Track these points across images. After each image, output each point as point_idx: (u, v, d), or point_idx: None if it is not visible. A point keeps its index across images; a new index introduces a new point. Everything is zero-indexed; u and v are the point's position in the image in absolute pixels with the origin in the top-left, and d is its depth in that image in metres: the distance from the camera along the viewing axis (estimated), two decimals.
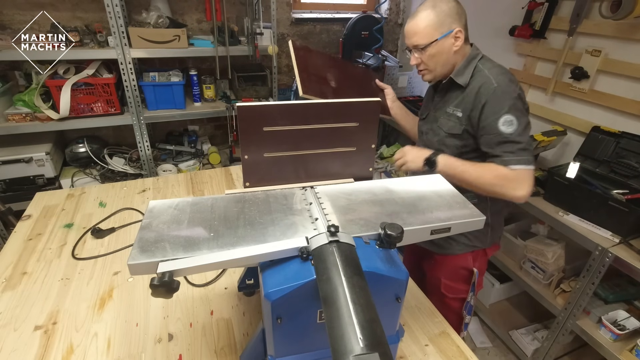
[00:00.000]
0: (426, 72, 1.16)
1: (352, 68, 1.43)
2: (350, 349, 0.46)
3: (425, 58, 1.11)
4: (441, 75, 1.16)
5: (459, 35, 1.08)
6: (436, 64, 1.12)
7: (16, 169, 2.04)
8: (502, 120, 1.00)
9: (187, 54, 2.22)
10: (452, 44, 1.09)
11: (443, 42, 1.08)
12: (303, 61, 1.20)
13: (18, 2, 2.08)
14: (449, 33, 1.07)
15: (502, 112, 1.00)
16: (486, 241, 1.26)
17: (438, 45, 1.08)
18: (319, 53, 1.30)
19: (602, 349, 1.50)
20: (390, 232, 0.65)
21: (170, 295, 0.60)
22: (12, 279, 1.02)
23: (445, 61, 1.11)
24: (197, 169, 2.50)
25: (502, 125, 1.00)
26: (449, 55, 1.11)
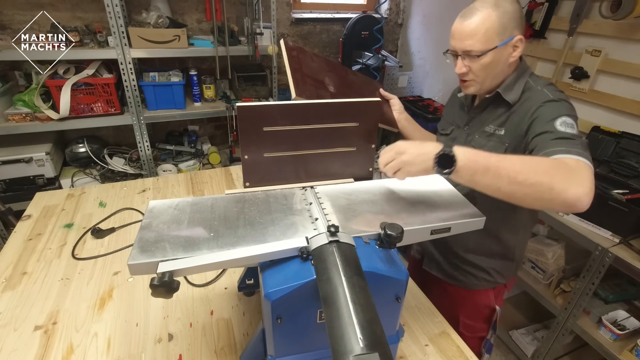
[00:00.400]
0: (472, 83, 0.97)
1: (353, 75, 1.31)
2: (350, 349, 0.46)
3: (477, 67, 0.92)
4: (488, 88, 0.98)
5: (519, 44, 0.91)
6: (487, 76, 0.94)
7: (16, 169, 2.04)
8: (560, 121, 0.82)
9: (187, 54, 2.22)
10: (510, 54, 0.92)
11: (502, 50, 0.90)
12: (296, 61, 1.12)
13: (18, 2, 2.08)
14: (509, 40, 0.89)
15: (560, 115, 0.83)
16: (509, 276, 1.15)
17: (495, 54, 0.90)
18: (315, 55, 1.20)
19: (602, 349, 1.50)
20: (390, 232, 0.65)
21: (170, 295, 0.60)
22: (12, 279, 1.02)
23: (498, 73, 0.94)
24: (197, 169, 2.50)
25: (561, 126, 0.82)
26: (504, 67, 0.94)
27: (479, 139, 1.00)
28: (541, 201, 0.71)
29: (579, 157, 0.74)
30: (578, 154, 0.75)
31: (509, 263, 1.11)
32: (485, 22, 0.88)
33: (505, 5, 0.88)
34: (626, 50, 1.58)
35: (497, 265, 1.10)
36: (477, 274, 1.12)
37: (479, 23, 0.88)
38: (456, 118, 1.11)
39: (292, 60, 1.09)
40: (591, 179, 0.71)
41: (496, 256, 1.09)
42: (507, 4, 0.89)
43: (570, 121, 0.82)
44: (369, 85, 1.32)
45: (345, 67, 1.26)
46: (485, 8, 0.88)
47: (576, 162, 0.74)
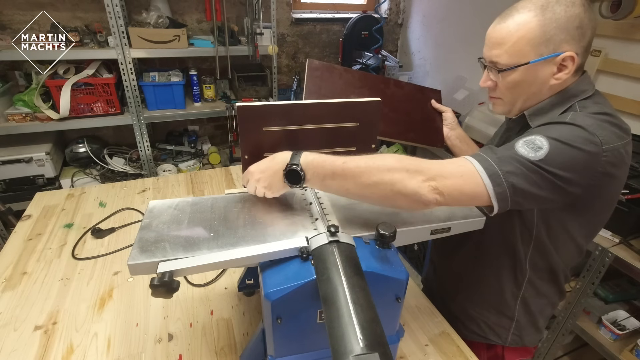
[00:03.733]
0: (499, 102, 0.80)
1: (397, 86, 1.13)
2: (350, 349, 0.46)
3: (503, 84, 0.75)
4: (520, 111, 0.80)
5: (568, 63, 0.69)
6: (517, 97, 0.76)
7: (16, 169, 2.04)
8: (526, 141, 0.65)
9: (187, 54, 2.22)
10: (552, 74, 0.71)
11: (537, 68, 0.70)
12: (317, 82, 1.04)
13: (18, 2, 2.08)
14: (551, 57, 0.68)
15: (539, 133, 0.66)
16: (506, 338, 0.94)
17: (527, 72, 0.71)
18: (347, 71, 1.09)
19: (602, 349, 1.50)
20: (382, 231, 0.65)
21: (170, 295, 0.61)
22: (12, 279, 1.02)
23: (532, 95, 0.75)
24: (197, 169, 2.50)
25: (522, 143, 0.65)
26: (541, 88, 0.73)
27: None
28: (388, 200, 0.66)
29: (470, 158, 0.66)
30: (477, 157, 0.66)
31: (506, 321, 0.93)
32: (520, 28, 0.69)
33: (557, 9, 0.66)
34: (626, 50, 1.59)
35: (489, 319, 0.94)
36: (466, 322, 0.97)
37: (512, 29, 0.69)
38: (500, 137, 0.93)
39: (312, 82, 1.05)
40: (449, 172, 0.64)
41: (489, 307, 0.94)
42: (560, 8, 0.66)
43: (541, 142, 0.64)
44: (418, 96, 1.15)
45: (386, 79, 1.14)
46: (526, 10, 0.69)
47: (453, 161, 0.67)
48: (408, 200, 0.64)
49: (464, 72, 2.59)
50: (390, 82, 1.13)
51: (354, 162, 0.66)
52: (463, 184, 0.64)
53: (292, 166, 0.68)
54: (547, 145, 0.63)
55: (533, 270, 0.87)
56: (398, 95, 1.12)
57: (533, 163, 0.63)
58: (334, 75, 1.08)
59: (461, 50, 2.58)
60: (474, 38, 2.42)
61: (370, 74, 1.08)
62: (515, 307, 0.91)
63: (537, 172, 0.63)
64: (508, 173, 0.63)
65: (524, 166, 0.63)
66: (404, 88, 1.14)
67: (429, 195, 0.63)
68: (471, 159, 0.66)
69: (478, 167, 0.64)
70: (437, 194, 0.63)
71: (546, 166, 0.63)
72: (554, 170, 0.63)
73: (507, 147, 0.67)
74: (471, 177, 0.64)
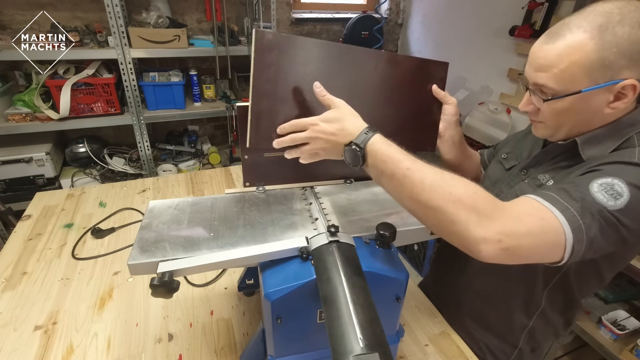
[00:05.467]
0: (543, 127, 0.71)
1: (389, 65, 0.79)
2: (350, 349, 0.46)
3: (548, 111, 0.66)
4: (566, 136, 0.70)
5: (628, 91, 0.59)
6: (563, 124, 0.67)
7: (16, 169, 2.04)
8: (603, 183, 0.57)
9: (187, 54, 2.22)
10: (608, 102, 0.61)
11: (590, 97, 0.61)
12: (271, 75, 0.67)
13: (18, 2, 2.08)
14: (609, 85, 0.59)
15: (616, 176, 0.57)
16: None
17: (579, 100, 0.62)
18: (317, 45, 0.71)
19: (602, 349, 1.50)
20: (382, 231, 0.65)
21: (170, 295, 0.61)
22: (12, 279, 1.02)
23: (582, 123, 0.66)
24: (197, 169, 2.50)
25: (598, 189, 0.56)
26: (593, 117, 0.65)
27: (525, 186, 0.77)
28: (442, 232, 0.57)
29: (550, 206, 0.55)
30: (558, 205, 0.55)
31: (508, 347, 0.88)
32: (573, 52, 0.59)
33: (619, 31, 0.56)
34: None
35: (492, 342, 0.91)
36: (465, 338, 0.92)
37: (563, 52, 0.59)
38: (525, 152, 0.84)
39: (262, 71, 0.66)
40: (528, 229, 0.53)
41: (492, 331, 0.90)
42: (624, 30, 0.56)
43: (621, 188, 0.55)
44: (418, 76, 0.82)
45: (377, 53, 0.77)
46: (581, 30, 0.58)
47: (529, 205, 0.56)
48: (463, 246, 0.55)
49: (464, 72, 2.59)
50: (382, 57, 0.77)
51: (419, 173, 0.56)
52: (543, 243, 0.54)
53: (354, 147, 0.61)
54: (628, 193, 0.55)
55: (548, 302, 0.81)
56: (392, 77, 0.79)
57: (611, 213, 0.55)
58: (299, 54, 0.69)
59: (461, 50, 2.58)
60: (474, 38, 2.42)
61: (354, 47, 0.72)
62: (521, 336, 0.87)
63: (613, 225, 0.55)
64: (589, 226, 0.54)
65: (603, 217, 0.55)
66: (400, 65, 0.80)
67: (492, 254, 0.52)
68: (551, 207, 0.55)
69: (562, 220, 0.54)
70: (506, 254, 0.53)
71: (623, 217, 0.55)
72: (629, 222, 0.55)
73: (579, 189, 0.57)
74: (555, 234, 0.54)
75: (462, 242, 0.55)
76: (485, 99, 2.37)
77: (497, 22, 2.15)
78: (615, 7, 0.58)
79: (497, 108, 2.25)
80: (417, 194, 0.56)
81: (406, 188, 0.57)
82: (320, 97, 0.67)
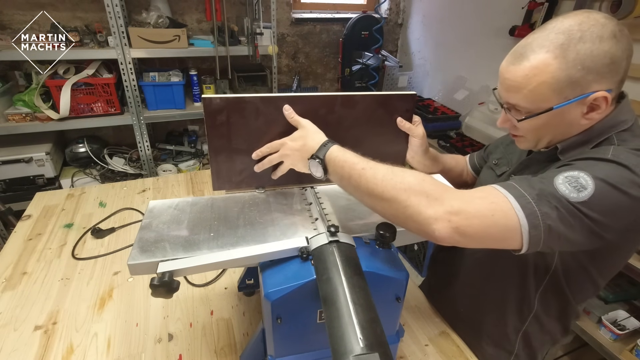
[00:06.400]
0: (523, 140, 0.73)
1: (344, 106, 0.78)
2: (351, 349, 0.46)
3: (525, 127, 0.68)
4: (548, 144, 0.72)
5: (600, 102, 0.61)
6: (542, 137, 0.69)
7: (16, 169, 2.04)
8: (567, 176, 0.58)
9: (187, 54, 2.22)
10: (582, 114, 0.63)
11: (564, 110, 0.62)
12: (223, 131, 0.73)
13: (18, 2, 2.08)
14: (580, 98, 0.60)
15: (582, 170, 0.58)
16: None
17: (552, 116, 0.63)
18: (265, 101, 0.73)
19: (602, 349, 1.50)
20: (382, 231, 0.65)
21: (170, 295, 0.61)
22: (12, 279, 1.02)
23: (560, 134, 0.68)
24: (197, 169, 2.50)
25: (563, 179, 0.57)
26: (570, 128, 0.66)
27: None
28: (399, 221, 0.61)
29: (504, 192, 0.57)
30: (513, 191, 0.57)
31: (504, 354, 0.88)
32: (538, 73, 0.60)
33: (581, 48, 0.57)
34: None
35: (488, 351, 0.90)
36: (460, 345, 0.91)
37: (528, 73, 0.61)
38: (515, 158, 0.85)
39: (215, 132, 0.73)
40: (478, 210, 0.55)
41: (488, 338, 0.89)
42: (585, 46, 0.57)
43: (586, 181, 0.56)
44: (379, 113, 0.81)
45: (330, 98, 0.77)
46: (544, 50, 0.59)
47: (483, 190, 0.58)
48: (419, 229, 0.58)
49: (464, 72, 2.59)
50: (336, 100, 0.77)
51: (372, 170, 0.62)
52: (492, 224, 0.55)
53: (316, 159, 0.68)
54: (592, 186, 0.55)
55: (541, 306, 0.81)
56: (351, 117, 0.79)
57: (574, 205, 0.55)
58: (247, 114, 0.73)
59: (461, 50, 2.58)
60: (474, 38, 2.42)
61: (303, 95, 0.74)
62: (516, 341, 0.86)
63: (576, 216, 0.55)
64: (546, 214, 0.55)
65: (563, 207, 0.55)
66: (359, 104, 0.78)
67: (444, 233, 0.55)
68: (505, 192, 0.57)
69: (515, 205, 0.55)
70: (456, 233, 0.55)
71: (587, 210, 0.55)
72: (595, 215, 0.55)
73: (543, 181, 0.59)
74: (504, 217, 0.55)
75: (416, 225, 0.57)
76: (485, 99, 2.37)
77: (497, 22, 2.15)
78: (575, 24, 0.59)
79: (497, 108, 2.25)
80: (372, 189, 0.61)
81: (362, 186, 0.62)
82: (289, 118, 0.73)
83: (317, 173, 0.69)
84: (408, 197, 0.57)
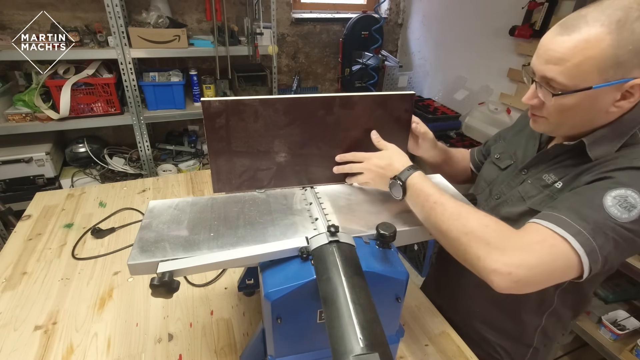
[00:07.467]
0: (543, 122, 0.69)
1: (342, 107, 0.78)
2: (350, 349, 0.46)
3: (553, 107, 0.64)
4: (565, 134, 0.71)
5: (635, 91, 0.59)
6: (565, 122, 0.66)
7: (16, 169, 2.04)
8: (616, 195, 0.56)
9: (187, 54, 2.22)
10: (614, 101, 0.60)
11: (599, 94, 0.59)
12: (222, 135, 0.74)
13: (18, 2, 2.08)
14: (619, 83, 0.58)
15: (629, 186, 0.56)
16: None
17: (587, 97, 0.60)
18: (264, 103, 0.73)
19: (602, 349, 1.50)
20: (382, 231, 0.65)
21: (170, 295, 0.60)
22: (12, 279, 1.02)
23: (585, 122, 0.66)
24: (197, 169, 2.50)
25: (612, 201, 0.56)
26: (597, 116, 0.64)
27: (529, 187, 0.75)
28: (460, 259, 0.62)
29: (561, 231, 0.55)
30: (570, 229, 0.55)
31: (523, 348, 0.90)
32: (588, 46, 0.56)
33: (637, 27, 0.54)
34: None
35: (507, 345, 0.92)
36: (482, 344, 0.93)
37: (578, 45, 0.57)
38: (519, 152, 0.84)
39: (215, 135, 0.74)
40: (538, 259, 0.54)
41: (507, 334, 0.91)
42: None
43: (635, 200, 0.55)
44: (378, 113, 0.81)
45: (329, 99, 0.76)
46: (599, 24, 0.55)
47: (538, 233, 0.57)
48: (476, 273, 0.59)
49: (464, 72, 2.59)
50: (335, 101, 0.76)
51: (442, 207, 0.64)
52: (554, 269, 0.55)
53: (398, 181, 0.71)
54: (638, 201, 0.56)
55: (560, 301, 0.81)
56: (350, 118, 0.79)
57: (625, 228, 0.55)
58: (247, 116, 0.73)
59: (461, 50, 2.58)
60: (474, 38, 2.42)
61: (302, 97, 0.73)
62: (535, 336, 0.88)
63: (628, 238, 0.56)
64: (603, 247, 0.55)
65: (617, 233, 0.55)
66: (356, 106, 0.78)
67: (503, 285, 0.55)
68: (562, 232, 0.55)
69: (575, 244, 0.54)
70: (516, 285, 0.54)
71: (636, 227, 0.55)
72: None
73: (592, 206, 0.57)
74: (565, 258, 0.55)
75: (476, 271, 0.60)
76: (485, 99, 2.37)
77: (497, 22, 2.15)
78: (635, 2, 0.55)
79: (497, 108, 2.25)
80: (439, 225, 0.64)
81: (432, 219, 0.66)
82: (376, 142, 0.80)
83: (397, 194, 0.73)
84: (469, 242, 0.59)
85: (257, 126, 0.75)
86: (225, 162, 0.77)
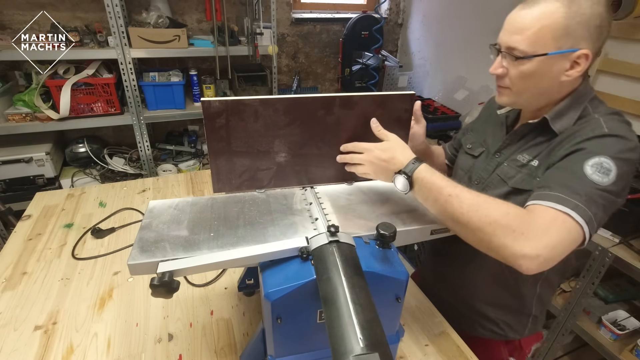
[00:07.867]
0: (506, 92, 0.77)
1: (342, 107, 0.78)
2: (350, 349, 0.46)
3: (515, 73, 0.73)
4: (524, 106, 0.82)
5: (582, 61, 0.68)
6: (526, 90, 0.75)
7: (16, 169, 2.04)
8: (594, 163, 0.64)
9: (187, 54, 2.22)
10: (564, 70, 0.70)
11: (552, 61, 0.69)
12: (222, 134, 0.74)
13: (18, 2, 2.08)
14: (569, 52, 0.68)
15: (601, 154, 0.65)
16: (523, 332, 0.97)
17: (542, 63, 0.69)
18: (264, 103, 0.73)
19: (602, 349, 1.50)
20: (383, 231, 0.65)
21: (170, 295, 0.61)
22: (12, 279, 1.02)
23: (542, 91, 0.74)
24: (197, 169, 2.50)
25: (591, 169, 0.64)
26: (551, 85, 0.73)
27: (507, 169, 0.81)
28: (484, 249, 0.66)
29: (564, 208, 0.61)
30: (569, 204, 0.61)
31: (524, 318, 0.96)
32: (545, 17, 0.67)
33: (583, 4, 0.65)
34: (626, 50, 1.58)
35: (509, 318, 0.96)
36: (484, 323, 0.97)
37: (537, 16, 0.67)
38: (489, 139, 0.91)
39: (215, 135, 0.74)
40: (557, 237, 0.60)
41: (508, 309, 0.95)
42: (587, 3, 0.65)
43: (609, 164, 0.63)
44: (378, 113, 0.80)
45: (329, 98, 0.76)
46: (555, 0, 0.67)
47: (547, 213, 0.61)
48: (503, 259, 0.63)
49: (464, 72, 2.59)
50: (335, 101, 0.76)
51: (458, 199, 0.66)
52: (570, 243, 0.62)
53: (404, 175, 0.71)
54: (614, 167, 0.64)
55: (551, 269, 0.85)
56: (351, 117, 0.79)
57: (607, 190, 0.63)
58: (247, 116, 0.73)
59: (461, 50, 2.58)
60: (474, 38, 2.42)
61: (302, 96, 0.74)
62: (532, 305, 0.93)
63: (611, 200, 0.64)
64: (596, 214, 0.62)
65: (603, 198, 0.63)
66: (356, 106, 0.78)
67: (532, 267, 0.60)
68: (567, 209, 0.61)
69: (577, 218, 0.61)
70: (544, 265, 0.60)
71: (615, 188, 0.63)
72: (619, 191, 0.64)
73: (577, 178, 0.64)
74: (575, 232, 0.61)
75: (502, 257, 0.63)
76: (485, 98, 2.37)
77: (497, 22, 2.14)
78: None
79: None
80: (457, 217, 0.66)
81: (448, 212, 0.67)
82: (376, 132, 0.78)
83: (403, 188, 0.72)
84: (494, 231, 0.62)
85: (257, 126, 0.75)
86: (225, 162, 0.77)
